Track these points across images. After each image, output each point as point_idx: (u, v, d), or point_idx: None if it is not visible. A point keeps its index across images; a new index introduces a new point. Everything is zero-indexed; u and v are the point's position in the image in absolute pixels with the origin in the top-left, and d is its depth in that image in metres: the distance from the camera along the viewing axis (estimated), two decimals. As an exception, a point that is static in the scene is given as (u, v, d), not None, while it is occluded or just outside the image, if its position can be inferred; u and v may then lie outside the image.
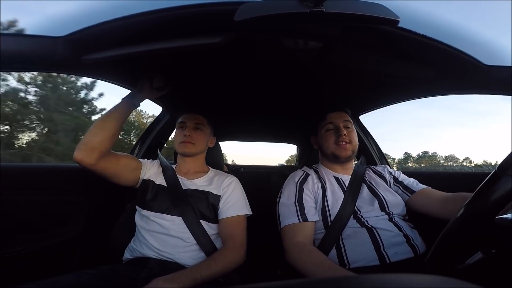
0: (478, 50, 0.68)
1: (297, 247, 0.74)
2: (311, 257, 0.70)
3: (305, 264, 0.69)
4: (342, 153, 0.90)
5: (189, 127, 0.97)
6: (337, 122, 0.93)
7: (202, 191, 0.90)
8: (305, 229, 0.78)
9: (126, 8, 0.60)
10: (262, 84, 1.10)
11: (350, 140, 0.92)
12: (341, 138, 0.90)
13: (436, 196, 0.82)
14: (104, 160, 0.80)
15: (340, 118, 0.94)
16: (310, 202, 0.84)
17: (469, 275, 0.42)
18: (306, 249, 0.73)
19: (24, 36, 0.63)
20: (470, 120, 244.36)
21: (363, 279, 0.24)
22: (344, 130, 0.91)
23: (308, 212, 0.80)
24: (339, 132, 0.91)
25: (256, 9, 0.51)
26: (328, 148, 0.93)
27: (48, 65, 0.70)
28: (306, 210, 0.81)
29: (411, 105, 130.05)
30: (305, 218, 0.79)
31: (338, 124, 0.93)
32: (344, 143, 0.90)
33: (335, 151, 0.91)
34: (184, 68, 0.95)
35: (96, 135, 0.78)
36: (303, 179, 0.91)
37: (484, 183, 0.40)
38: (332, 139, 0.92)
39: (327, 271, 0.64)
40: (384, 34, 0.63)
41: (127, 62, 0.85)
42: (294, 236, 0.77)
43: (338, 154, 0.91)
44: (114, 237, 0.94)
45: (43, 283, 0.60)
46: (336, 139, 0.91)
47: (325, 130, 0.95)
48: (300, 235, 0.77)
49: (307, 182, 0.89)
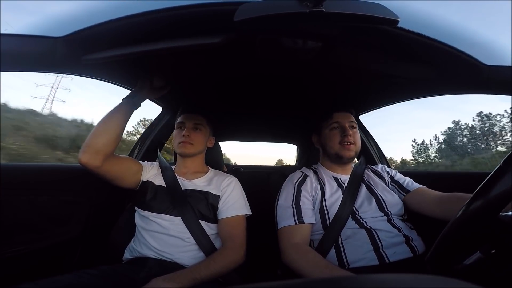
0: (478, 50, 0.68)
1: (293, 248, 0.75)
2: (308, 257, 0.70)
3: (301, 264, 0.70)
4: (346, 153, 0.90)
5: (188, 127, 0.96)
6: (343, 122, 0.93)
7: (202, 191, 0.90)
8: (302, 231, 0.79)
9: (126, 8, 0.60)
10: (262, 84, 1.10)
11: (355, 141, 0.92)
12: (346, 138, 0.90)
13: (431, 196, 0.82)
14: (108, 162, 0.80)
15: (346, 119, 0.94)
16: (308, 204, 0.84)
17: (469, 275, 0.42)
18: (303, 249, 0.73)
19: (24, 36, 0.63)
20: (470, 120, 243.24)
21: (363, 279, 0.24)
22: (349, 130, 0.91)
23: (305, 214, 0.81)
24: (345, 132, 0.90)
25: (256, 9, 0.51)
26: (332, 148, 0.93)
27: (48, 65, 0.70)
28: (303, 212, 0.81)
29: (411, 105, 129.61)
30: (302, 220, 0.79)
31: (344, 124, 0.92)
32: (348, 144, 0.90)
33: (339, 151, 0.91)
34: (184, 68, 0.95)
35: (99, 137, 0.78)
36: (301, 180, 0.91)
37: (489, 178, 0.40)
38: (337, 139, 0.92)
39: (324, 270, 0.64)
40: (384, 34, 0.63)
41: (127, 62, 0.85)
42: (291, 237, 0.77)
43: (342, 155, 0.90)
44: (114, 237, 0.94)
45: (43, 283, 0.60)
46: (341, 139, 0.91)
47: (329, 129, 0.95)
48: (297, 237, 0.77)
49: (305, 184, 0.89)
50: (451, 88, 0.89)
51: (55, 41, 0.64)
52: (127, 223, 0.94)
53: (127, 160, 0.91)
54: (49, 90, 27.98)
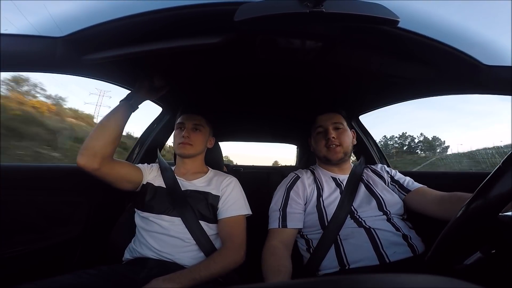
0: (478, 50, 0.68)
1: (268, 248, 0.77)
2: (271, 260, 0.73)
3: (263, 264, 0.72)
4: (333, 156, 0.91)
5: (188, 128, 0.96)
6: (325, 125, 0.94)
7: (201, 191, 0.90)
8: (283, 235, 0.81)
9: (126, 8, 0.59)
10: (262, 84, 1.10)
11: (341, 142, 0.91)
12: (330, 141, 0.90)
13: (432, 195, 0.82)
14: (107, 166, 0.80)
15: (328, 120, 0.94)
16: (296, 208, 0.85)
17: (469, 275, 0.42)
18: (272, 251, 0.75)
19: (24, 36, 0.63)
20: (470, 120, 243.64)
21: (363, 279, 0.24)
22: (332, 132, 0.91)
23: (290, 219, 0.83)
24: (327, 136, 0.91)
25: (256, 9, 0.51)
26: (320, 151, 0.94)
27: (48, 65, 0.70)
28: (288, 217, 0.83)
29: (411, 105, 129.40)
30: (285, 224, 0.82)
31: (326, 127, 0.93)
32: (334, 146, 0.90)
33: (326, 155, 0.92)
34: (184, 68, 0.95)
35: (97, 140, 0.78)
36: (291, 183, 0.93)
37: (488, 178, 0.40)
38: (322, 143, 0.93)
39: (277, 277, 0.66)
40: (384, 34, 0.63)
41: (127, 62, 0.85)
42: (271, 239, 0.80)
43: (329, 157, 0.92)
44: (114, 237, 0.94)
45: (43, 283, 0.60)
46: (326, 142, 0.92)
47: (316, 133, 0.96)
48: (276, 239, 0.80)
49: (296, 186, 0.91)
50: (451, 88, 0.89)
51: (55, 41, 0.64)
52: (127, 223, 0.94)
53: (127, 166, 0.91)
54: (97, 97, 33.75)
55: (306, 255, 0.81)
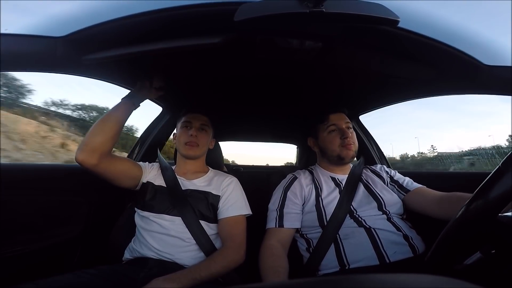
0: (478, 50, 0.68)
1: (265, 247, 0.78)
2: (268, 259, 0.73)
3: (261, 264, 0.73)
4: (348, 153, 0.91)
5: (195, 127, 0.96)
6: (340, 124, 0.94)
7: (202, 191, 0.90)
8: (280, 234, 0.82)
9: (126, 8, 0.59)
10: (262, 84, 1.10)
11: (354, 141, 0.93)
12: (347, 140, 0.91)
13: (431, 195, 0.82)
14: (106, 162, 0.80)
15: (342, 120, 0.95)
16: (293, 208, 0.86)
17: (469, 275, 0.42)
18: (270, 251, 0.76)
19: (24, 36, 0.63)
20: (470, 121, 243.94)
21: (363, 279, 0.24)
22: (348, 132, 0.93)
23: (287, 219, 0.84)
24: (345, 135, 0.92)
25: (256, 9, 0.51)
26: (333, 150, 0.93)
27: (48, 65, 0.70)
28: (285, 217, 0.84)
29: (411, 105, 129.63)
30: (282, 224, 0.83)
31: (341, 126, 0.94)
32: (350, 145, 0.91)
33: (341, 153, 0.92)
34: (184, 68, 0.95)
35: (96, 136, 0.78)
36: (288, 184, 0.93)
37: (487, 179, 0.40)
38: (337, 141, 0.93)
39: (275, 276, 0.67)
40: (384, 34, 0.63)
41: (127, 62, 0.85)
42: (268, 238, 0.81)
43: (344, 156, 0.91)
44: (114, 237, 0.94)
45: (43, 283, 0.60)
46: (342, 141, 0.92)
47: (327, 132, 0.95)
48: (274, 239, 0.80)
49: (293, 186, 0.92)
50: (451, 88, 0.89)
51: (55, 41, 0.64)
52: (127, 223, 0.94)
53: (127, 162, 0.91)
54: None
55: (306, 255, 0.81)
